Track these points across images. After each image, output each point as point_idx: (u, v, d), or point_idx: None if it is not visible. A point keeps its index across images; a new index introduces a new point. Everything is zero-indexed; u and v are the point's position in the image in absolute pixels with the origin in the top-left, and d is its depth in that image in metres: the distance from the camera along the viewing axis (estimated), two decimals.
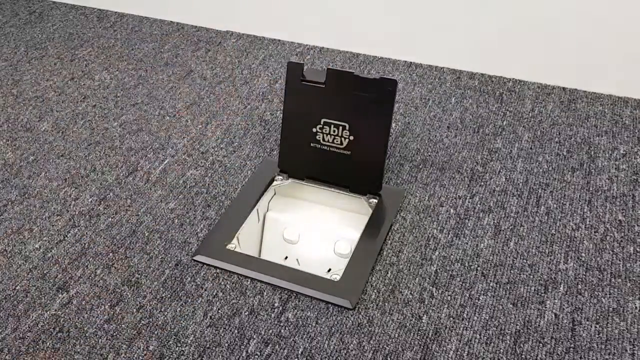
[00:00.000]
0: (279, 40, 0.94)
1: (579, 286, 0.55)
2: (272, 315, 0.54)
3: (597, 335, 0.51)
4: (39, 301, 0.56)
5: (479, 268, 0.57)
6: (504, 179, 0.66)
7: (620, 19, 0.74)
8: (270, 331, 0.53)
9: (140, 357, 0.51)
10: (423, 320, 0.53)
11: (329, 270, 0.60)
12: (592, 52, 0.77)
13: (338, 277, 0.56)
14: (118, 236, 0.63)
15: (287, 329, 0.53)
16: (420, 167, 0.68)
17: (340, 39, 0.90)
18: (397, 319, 0.53)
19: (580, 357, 0.49)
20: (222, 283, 0.57)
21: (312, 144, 0.63)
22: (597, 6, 0.74)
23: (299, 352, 0.51)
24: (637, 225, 0.60)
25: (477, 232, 0.60)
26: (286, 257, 0.65)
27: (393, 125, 0.74)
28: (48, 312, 0.55)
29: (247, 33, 0.97)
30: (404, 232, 0.61)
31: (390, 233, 0.61)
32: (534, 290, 0.54)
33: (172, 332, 0.53)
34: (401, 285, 0.56)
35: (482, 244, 0.59)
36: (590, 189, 0.64)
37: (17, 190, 0.69)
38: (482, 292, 0.55)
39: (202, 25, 1.00)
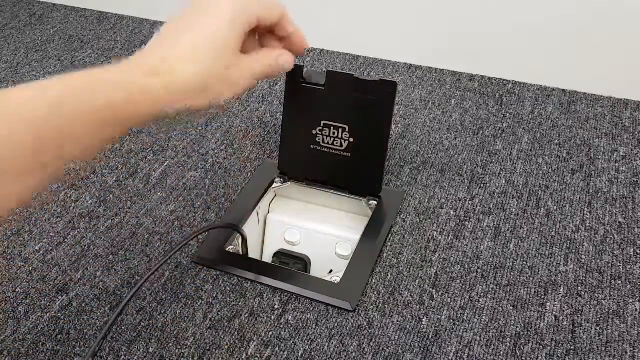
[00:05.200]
0: None
1: (579, 288, 0.55)
2: (272, 317, 0.54)
3: (597, 338, 0.51)
4: (39, 303, 0.56)
5: (479, 270, 0.57)
6: (504, 181, 0.66)
7: (620, 20, 0.74)
8: (270, 333, 0.53)
9: (140, 359, 0.51)
10: (423, 323, 0.53)
11: (331, 271, 0.60)
12: (592, 54, 0.77)
13: (338, 279, 0.56)
14: (118, 238, 0.63)
15: (287, 331, 0.53)
16: (420, 169, 0.68)
17: (340, 41, 0.90)
18: (397, 321, 0.53)
19: (580, 359, 0.49)
20: (222, 285, 0.57)
21: (312, 146, 0.63)
22: (597, 8, 0.74)
23: (299, 354, 0.51)
24: (637, 227, 0.60)
25: (477, 234, 0.60)
26: None
27: (393, 127, 0.74)
28: (48, 314, 0.55)
29: None
30: (404, 234, 0.61)
31: (390, 235, 0.61)
32: (534, 292, 0.54)
33: (172, 334, 0.53)
34: (401, 287, 0.56)
35: (482, 246, 0.59)
36: (590, 191, 0.64)
37: None
38: (482, 294, 0.55)
39: None
